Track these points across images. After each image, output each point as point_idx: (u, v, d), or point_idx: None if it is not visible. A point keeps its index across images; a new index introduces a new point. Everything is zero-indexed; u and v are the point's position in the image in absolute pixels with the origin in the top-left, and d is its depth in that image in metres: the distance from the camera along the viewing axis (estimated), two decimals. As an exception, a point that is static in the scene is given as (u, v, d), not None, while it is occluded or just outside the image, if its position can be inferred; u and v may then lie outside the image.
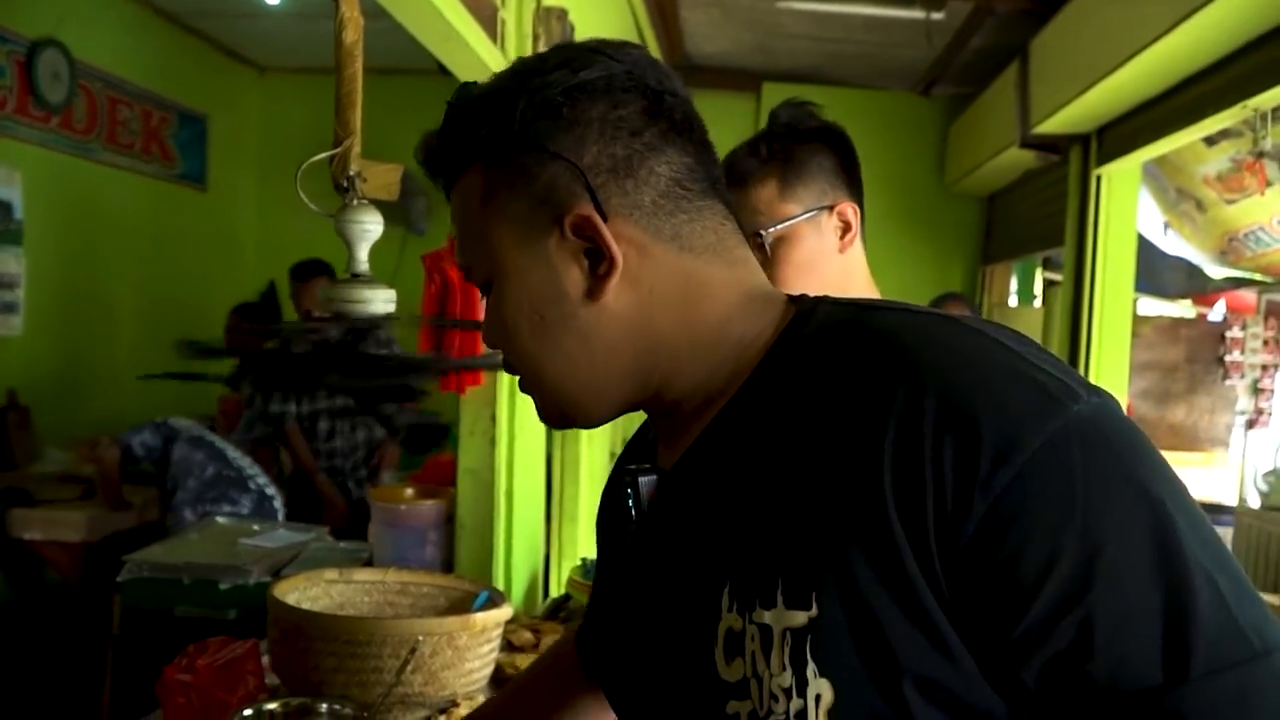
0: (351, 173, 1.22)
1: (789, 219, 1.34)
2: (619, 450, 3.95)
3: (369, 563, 2.37)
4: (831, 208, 1.37)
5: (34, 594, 3.56)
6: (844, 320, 0.71)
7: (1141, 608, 0.57)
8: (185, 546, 2.48)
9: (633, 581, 0.81)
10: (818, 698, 0.62)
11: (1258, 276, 4.72)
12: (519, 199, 0.73)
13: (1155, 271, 4.83)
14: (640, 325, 0.73)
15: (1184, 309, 5.29)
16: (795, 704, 0.63)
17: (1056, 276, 5.11)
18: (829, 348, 0.69)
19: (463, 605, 1.92)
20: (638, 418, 0.85)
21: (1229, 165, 4.11)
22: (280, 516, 3.33)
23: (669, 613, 0.74)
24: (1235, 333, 4.76)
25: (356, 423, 3.80)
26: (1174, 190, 4.58)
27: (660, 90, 0.74)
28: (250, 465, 3.49)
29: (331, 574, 1.95)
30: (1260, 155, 3.05)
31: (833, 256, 1.37)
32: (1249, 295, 5.10)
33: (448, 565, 2.27)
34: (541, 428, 2.60)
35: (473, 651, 1.71)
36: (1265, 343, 4.75)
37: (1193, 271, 4.88)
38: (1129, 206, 3.82)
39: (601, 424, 0.80)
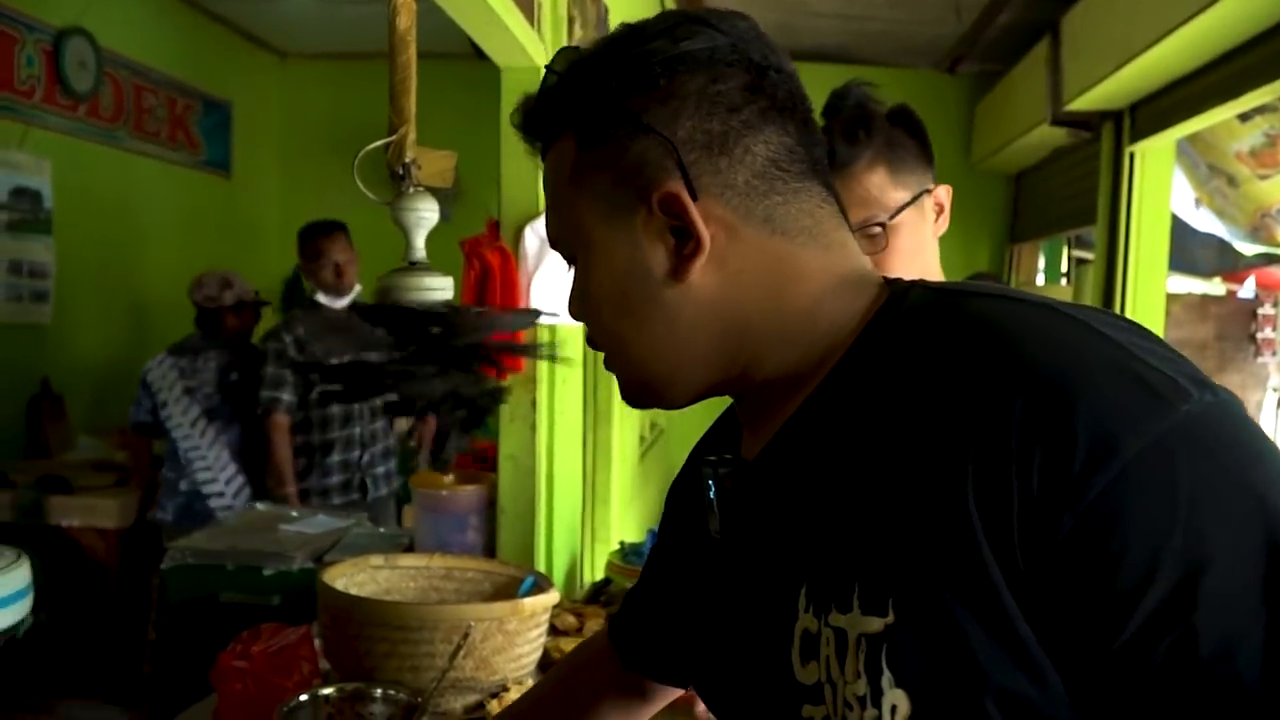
0: (407, 160, 1.21)
1: (903, 205, 1.32)
2: (648, 435, 3.94)
3: (410, 548, 2.38)
4: (930, 191, 1.36)
5: (72, 580, 3.60)
6: (935, 305, 0.68)
7: (1247, 631, 0.53)
8: (226, 533, 2.49)
9: (713, 574, 0.79)
10: (894, 708, 0.59)
11: (1290, 252, 4.67)
12: (609, 172, 0.71)
13: (1185, 248, 4.78)
14: (726, 308, 0.71)
15: (1213, 286, 5.24)
16: (870, 713, 0.60)
17: (1085, 255, 5.07)
18: (919, 335, 0.66)
19: (508, 590, 1.93)
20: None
21: (1263, 140, 4.06)
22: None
23: (748, 608, 0.73)
24: (1267, 309, 4.71)
25: (377, 408, 3.30)
26: (1205, 166, 4.53)
27: (765, 66, 0.71)
28: (197, 453, 3.36)
29: (377, 560, 1.96)
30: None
31: (931, 241, 1.36)
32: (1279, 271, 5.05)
33: (489, 550, 2.27)
34: (579, 412, 2.60)
35: (522, 636, 1.71)
36: (1296, 319, 4.71)
37: (1224, 248, 4.83)
38: (1163, 184, 3.77)
39: (683, 405, 0.78)
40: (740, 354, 0.73)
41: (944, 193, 1.38)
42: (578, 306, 0.77)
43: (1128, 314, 3.92)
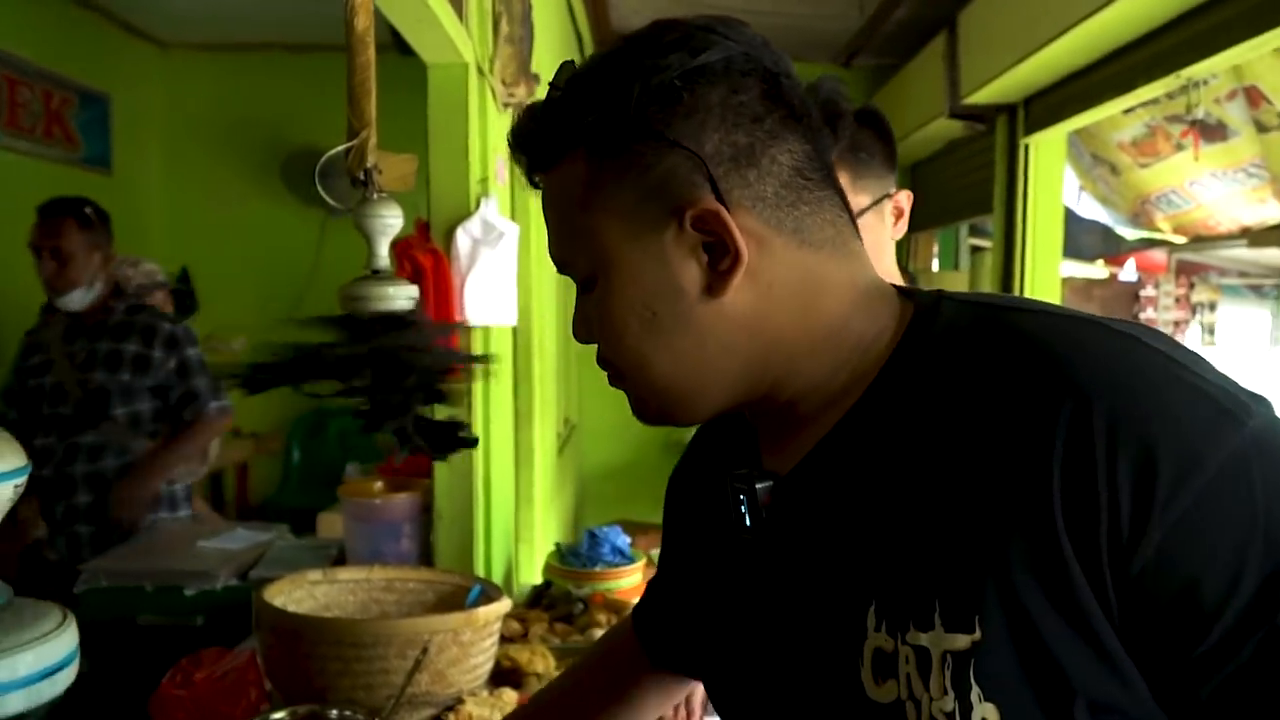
0: (369, 165, 1.17)
1: (863, 210, 1.30)
2: (563, 431, 3.88)
3: (340, 559, 2.31)
4: (891, 195, 1.36)
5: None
6: (981, 321, 0.68)
7: None
8: (142, 552, 2.38)
9: (742, 586, 0.78)
10: None
11: (1169, 237, 4.92)
12: (631, 190, 0.68)
13: (1071, 234, 4.99)
14: (757, 323, 0.70)
15: (1097, 270, 5.49)
16: None
17: (980, 243, 5.25)
18: (969, 351, 0.66)
19: (452, 599, 1.89)
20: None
21: (1143, 131, 4.26)
22: None
23: (801, 626, 0.72)
24: (1149, 291, 4.97)
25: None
26: (1089, 156, 4.74)
27: (777, 73, 0.70)
28: None
29: (315, 575, 1.89)
30: (1194, 123, 3.16)
31: (889, 244, 1.37)
32: (1159, 255, 5.32)
33: (424, 558, 2.23)
34: (510, 414, 2.57)
35: (476, 646, 1.68)
36: (1177, 300, 4.98)
37: (1107, 234, 5.06)
38: (1055, 174, 3.92)
39: (702, 421, 0.77)
40: (769, 369, 0.72)
41: (904, 198, 1.39)
42: (593, 329, 0.74)
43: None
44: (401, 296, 1.18)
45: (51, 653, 0.59)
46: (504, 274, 2.19)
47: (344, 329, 1.21)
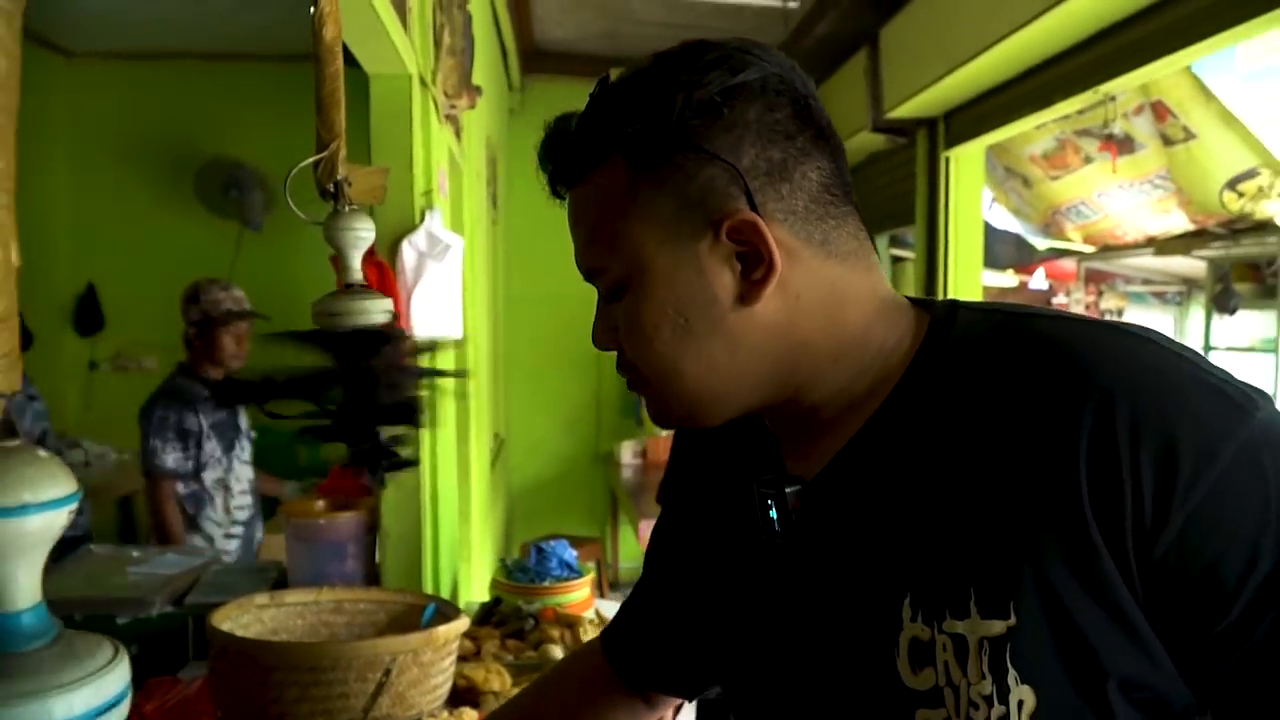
0: (339, 177, 1.14)
1: None
2: (493, 445, 3.83)
3: (281, 582, 2.24)
4: None
5: None
6: (999, 327, 0.72)
7: None
8: (68, 580, 2.27)
9: (777, 592, 0.80)
10: (1020, 703, 0.64)
11: (1079, 246, 5.10)
12: (669, 199, 0.71)
13: (987, 244, 5.14)
14: (785, 331, 0.73)
15: (1008, 278, 5.67)
16: (997, 710, 0.64)
17: (902, 253, 5.36)
18: (991, 354, 0.70)
19: (404, 619, 1.85)
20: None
21: (1054, 145, 4.42)
22: None
23: (835, 622, 0.74)
24: (1060, 299, 5.14)
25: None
26: (1002, 169, 4.90)
27: (806, 95, 0.73)
28: None
29: (262, 598, 1.83)
30: (1109, 137, 3.29)
31: None
32: (1068, 264, 5.52)
33: (370, 578, 2.18)
34: (453, 428, 2.53)
35: (436, 667, 1.65)
36: (1086, 307, 5.17)
37: (1020, 243, 5.23)
38: (975, 187, 4.04)
39: (723, 423, 0.79)
40: (795, 376, 0.74)
41: None
42: (620, 335, 0.76)
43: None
44: (378, 311, 1.15)
45: (108, 688, 0.56)
46: (450, 287, 2.17)
47: (318, 345, 1.18)
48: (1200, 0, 2.48)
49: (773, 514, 0.77)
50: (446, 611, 1.82)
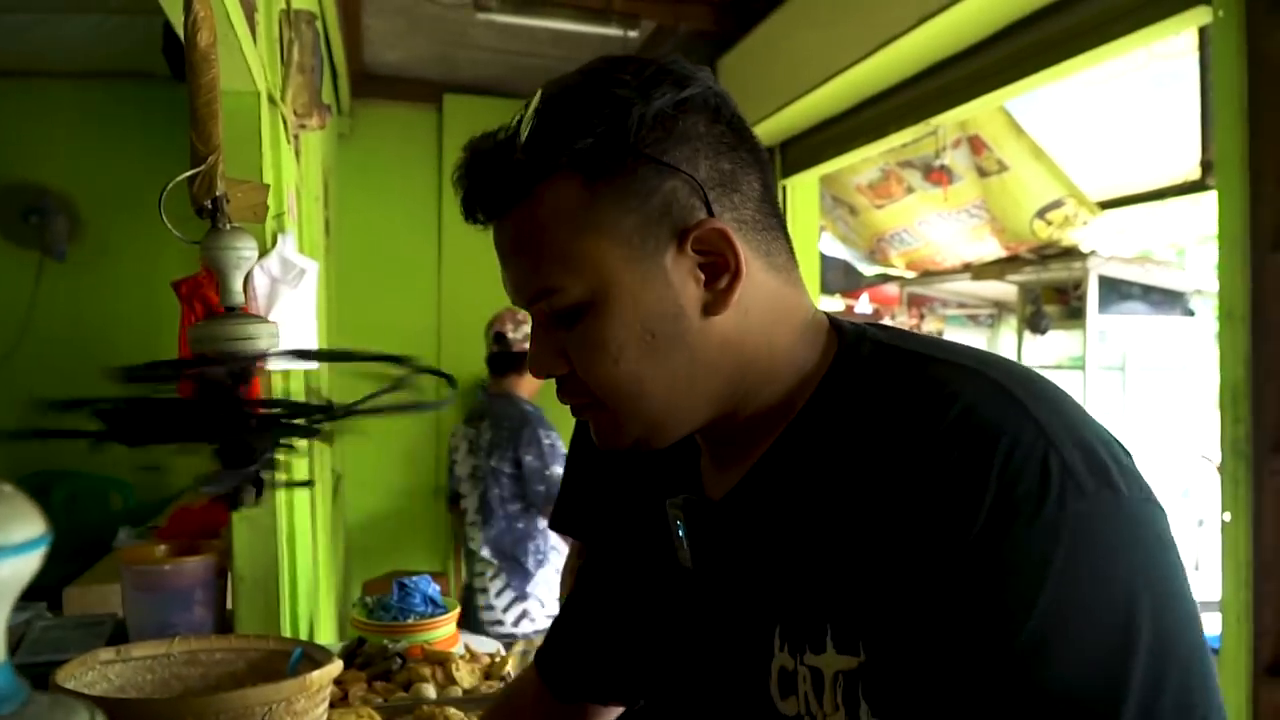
0: (218, 193, 1.07)
1: None
2: (330, 482, 3.70)
3: (119, 635, 2.07)
4: None
5: None
6: (894, 362, 0.72)
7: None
8: None
9: (682, 603, 0.81)
10: None
11: (902, 272, 5.37)
12: (632, 213, 0.69)
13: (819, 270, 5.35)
14: (736, 344, 0.72)
15: (836, 303, 5.90)
16: None
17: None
18: (876, 387, 0.71)
19: (265, 667, 1.73)
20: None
21: (879, 175, 4.64)
22: None
23: (723, 641, 0.76)
24: (886, 321, 5.40)
25: None
26: (829, 197, 5.10)
27: (735, 109, 0.75)
28: None
29: (107, 654, 1.68)
30: (941, 168, 3.47)
31: None
32: (891, 289, 5.80)
33: (220, 626, 2.04)
34: (305, 464, 2.40)
35: (311, 715, 1.55)
36: (909, 329, 5.46)
37: (849, 270, 5.45)
38: (811, 215, 4.19)
39: (672, 443, 0.78)
40: (739, 390, 0.74)
41: None
42: (574, 357, 0.73)
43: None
44: (264, 336, 1.08)
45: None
46: (305, 314, 2.06)
47: (192, 374, 1.09)
48: (1016, 44, 2.66)
49: (681, 534, 0.78)
50: (314, 655, 1.71)
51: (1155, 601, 0.60)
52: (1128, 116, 3.78)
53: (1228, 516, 1.77)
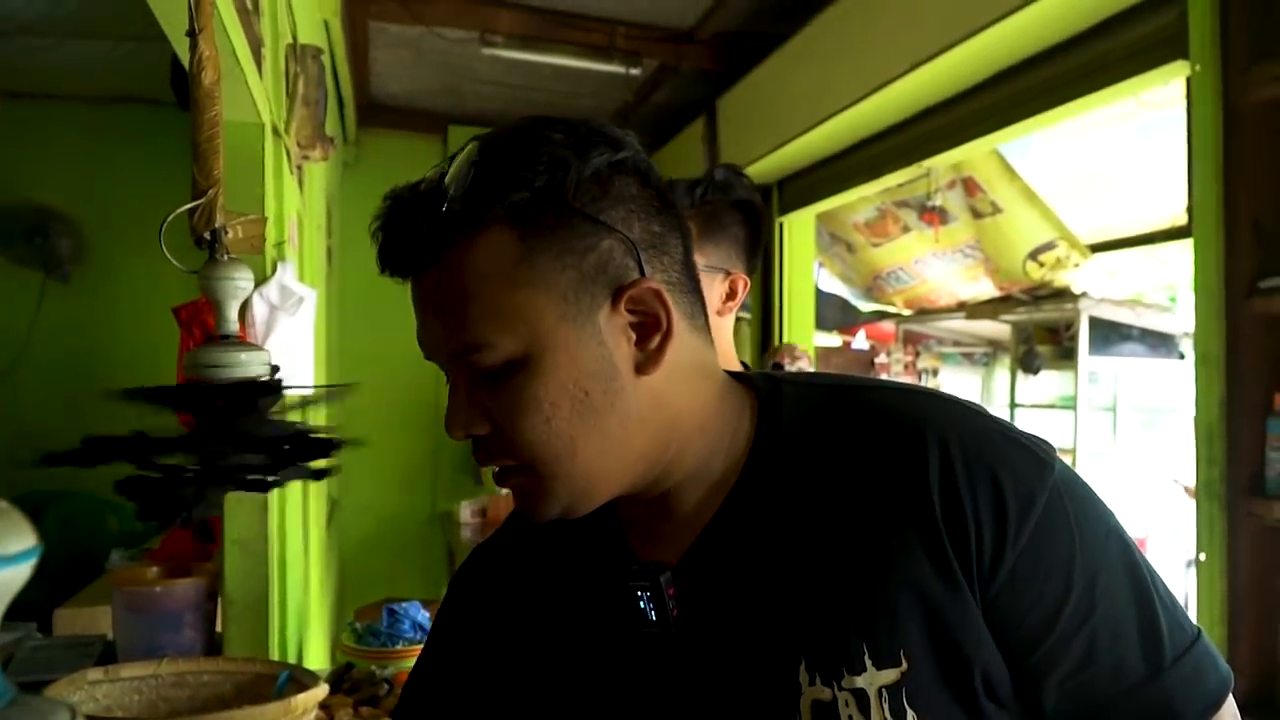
0: (218, 225, 1.11)
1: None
2: (326, 508, 3.68)
3: (108, 656, 2.08)
4: (728, 273, 1.44)
5: None
6: (828, 400, 0.78)
7: (1126, 620, 0.70)
8: None
9: (658, 684, 0.76)
10: None
11: (899, 310, 5.41)
12: (568, 269, 0.69)
13: (815, 306, 5.39)
14: (664, 402, 0.73)
15: (833, 339, 5.94)
16: None
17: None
18: (830, 425, 0.75)
19: (253, 689, 1.75)
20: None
21: (875, 214, 4.70)
22: None
23: (727, 701, 0.72)
24: (882, 358, 5.44)
25: None
26: (827, 235, 5.16)
27: (660, 178, 0.76)
28: None
29: (95, 674, 1.70)
30: (934, 208, 3.53)
31: (715, 317, 1.43)
32: (888, 325, 5.84)
33: (209, 649, 2.05)
34: (299, 489, 2.44)
35: (294, 739, 1.57)
36: (905, 366, 5.49)
37: (846, 306, 5.50)
38: (807, 252, 4.24)
39: (593, 509, 0.76)
40: (667, 450, 0.75)
41: (741, 283, 1.47)
42: (500, 416, 0.71)
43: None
44: (256, 363, 1.11)
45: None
46: (302, 342, 2.10)
47: (189, 401, 1.13)
48: (1004, 90, 2.72)
49: (642, 605, 0.75)
50: (301, 679, 1.73)
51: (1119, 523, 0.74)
52: (1118, 162, 3.84)
53: (1203, 556, 1.80)
